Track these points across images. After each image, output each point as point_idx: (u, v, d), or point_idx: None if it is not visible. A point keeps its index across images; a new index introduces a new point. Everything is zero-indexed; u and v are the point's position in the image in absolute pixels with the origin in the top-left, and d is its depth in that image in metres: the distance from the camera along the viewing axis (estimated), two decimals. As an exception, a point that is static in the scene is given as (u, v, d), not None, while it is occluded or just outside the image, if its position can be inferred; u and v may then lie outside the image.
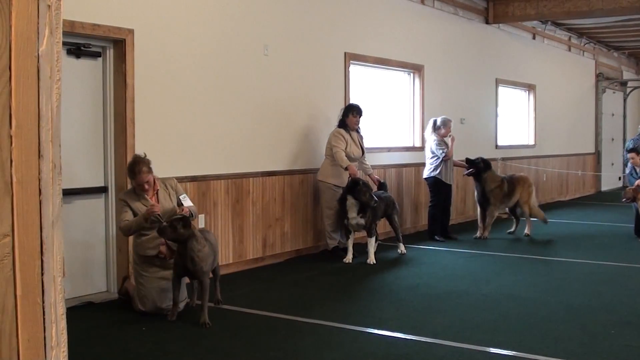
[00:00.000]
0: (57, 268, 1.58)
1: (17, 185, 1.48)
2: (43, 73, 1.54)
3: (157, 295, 5.38)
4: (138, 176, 5.30)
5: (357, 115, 7.81)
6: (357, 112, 7.81)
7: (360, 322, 5.19)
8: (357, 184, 7.45)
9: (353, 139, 7.78)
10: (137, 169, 5.30)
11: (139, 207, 5.34)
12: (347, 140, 7.70)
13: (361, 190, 7.40)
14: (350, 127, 7.79)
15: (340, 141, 7.67)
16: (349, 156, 7.67)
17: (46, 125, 1.54)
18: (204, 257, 5.14)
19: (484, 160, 9.45)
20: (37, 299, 1.53)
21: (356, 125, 7.84)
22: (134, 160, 5.39)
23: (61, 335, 1.60)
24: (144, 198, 5.39)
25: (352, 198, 7.44)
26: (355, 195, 7.43)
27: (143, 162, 5.34)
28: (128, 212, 5.31)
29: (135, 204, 5.36)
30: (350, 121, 7.78)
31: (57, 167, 1.58)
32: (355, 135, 7.88)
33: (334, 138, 7.71)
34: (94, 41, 5.84)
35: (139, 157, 5.41)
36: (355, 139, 7.82)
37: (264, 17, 7.43)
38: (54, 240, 1.57)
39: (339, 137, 7.69)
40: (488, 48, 12.15)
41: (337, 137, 7.70)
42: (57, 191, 1.58)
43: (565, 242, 9.23)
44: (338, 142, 7.67)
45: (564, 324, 5.17)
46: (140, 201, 5.37)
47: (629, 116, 19.24)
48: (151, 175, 5.37)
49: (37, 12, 1.52)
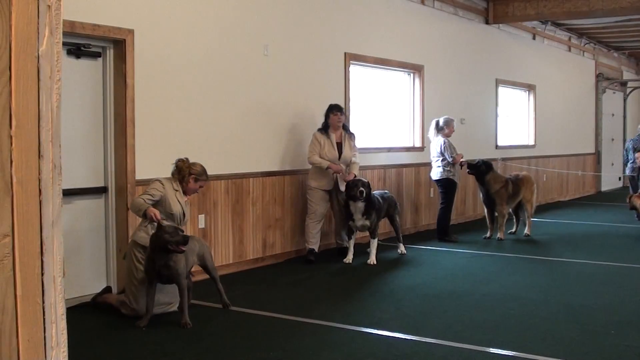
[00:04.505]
0: (57, 268, 1.58)
1: (17, 186, 1.48)
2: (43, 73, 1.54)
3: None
4: (204, 183, 5.68)
5: (337, 112, 7.67)
6: (337, 110, 7.69)
7: (361, 322, 5.19)
8: (348, 184, 7.51)
9: (331, 141, 7.66)
10: (207, 177, 5.68)
11: (172, 198, 5.41)
12: (321, 143, 7.61)
13: (349, 186, 7.47)
14: (334, 125, 7.67)
15: (314, 146, 7.62)
16: (324, 158, 7.60)
17: (46, 125, 1.54)
18: (178, 260, 5.11)
19: (485, 162, 9.40)
20: (37, 299, 1.53)
21: (339, 123, 7.69)
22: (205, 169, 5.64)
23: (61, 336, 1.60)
24: (181, 195, 5.51)
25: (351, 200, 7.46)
26: (347, 194, 7.49)
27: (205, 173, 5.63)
28: (154, 196, 5.32)
29: (171, 193, 5.43)
30: (332, 120, 7.66)
31: (57, 167, 1.58)
32: (335, 137, 7.70)
33: (310, 143, 7.70)
34: (94, 41, 5.84)
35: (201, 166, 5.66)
36: (333, 141, 7.67)
37: (264, 18, 7.43)
38: (54, 241, 1.56)
39: (313, 141, 7.65)
40: (488, 48, 12.15)
41: (312, 143, 7.67)
42: (57, 191, 1.58)
43: (565, 242, 9.23)
44: (311, 148, 7.65)
45: (564, 324, 5.17)
46: (176, 195, 5.46)
47: (629, 116, 19.24)
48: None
49: (37, 13, 1.52)
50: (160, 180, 5.46)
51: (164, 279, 5.16)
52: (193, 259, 5.40)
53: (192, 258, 5.39)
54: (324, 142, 7.62)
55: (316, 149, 7.61)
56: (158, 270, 5.06)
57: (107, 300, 5.56)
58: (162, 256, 5.03)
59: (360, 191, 7.36)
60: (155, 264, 5.04)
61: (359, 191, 7.37)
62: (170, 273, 5.08)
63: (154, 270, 5.07)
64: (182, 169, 5.51)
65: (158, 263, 5.04)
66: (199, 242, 5.54)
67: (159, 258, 5.03)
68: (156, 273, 5.08)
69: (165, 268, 5.05)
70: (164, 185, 5.40)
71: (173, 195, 5.39)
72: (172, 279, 5.14)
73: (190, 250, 5.27)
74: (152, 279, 5.14)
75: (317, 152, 7.60)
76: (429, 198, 10.33)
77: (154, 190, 5.35)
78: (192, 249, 5.31)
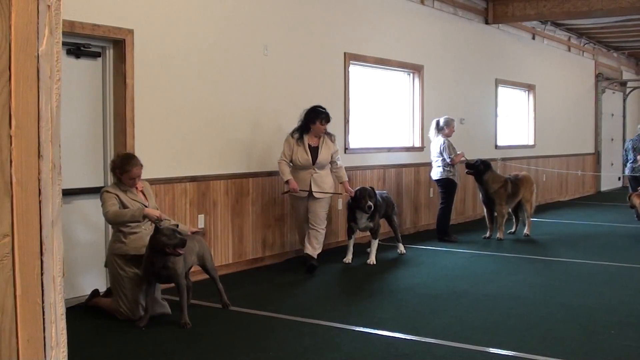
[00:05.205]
0: (57, 268, 1.58)
1: (17, 186, 1.48)
2: (43, 73, 1.54)
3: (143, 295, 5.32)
4: (133, 169, 5.28)
5: (325, 123, 7.18)
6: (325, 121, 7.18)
7: (360, 322, 5.18)
8: (356, 194, 7.43)
9: (304, 145, 7.11)
10: (134, 162, 5.31)
11: (128, 201, 5.28)
12: (292, 148, 7.10)
13: (357, 198, 7.40)
14: (315, 132, 7.16)
15: (285, 148, 7.15)
16: (296, 163, 7.12)
17: (46, 125, 1.54)
18: (176, 260, 5.10)
19: (483, 161, 9.40)
20: (37, 299, 1.53)
21: (322, 133, 7.20)
22: (127, 155, 5.43)
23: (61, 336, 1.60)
24: (132, 192, 5.35)
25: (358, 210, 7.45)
26: (355, 205, 7.45)
27: (136, 157, 5.38)
28: (116, 204, 5.23)
29: (124, 196, 5.29)
30: (316, 128, 7.15)
31: (56, 167, 1.58)
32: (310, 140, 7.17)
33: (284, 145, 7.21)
34: (94, 41, 5.84)
35: (129, 153, 5.43)
36: (305, 145, 7.11)
37: (264, 18, 7.43)
38: (53, 241, 1.56)
39: (284, 146, 7.17)
40: (488, 48, 12.15)
41: (284, 144, 7.19)
42: (56, 191, 1.57)
43: (564, 242, 9.23)
44: (283, 150, 7.16)
45: (563, 324, 5.17)
46: (128, 195, 5.32)
47: (628, 116, 19.24)
48: (141, 169, 5.40)
49: (36, 12, 1.52)
50: (107, 190, 5.31)
51: (162, 279, 5.16)
52: (192, 258, 5.40)
53: (192, 258, 5.38)
54: (295, 147, 7.11)
55: (286, 152, 7.12)
56: (157, 271, 5.06)
57: (98, 304, 5.54)
58: (161, 257, 5.02)
59: (368, 206, 7.30)
60: (154, 265, 5.04)
61: (367, 206, 7.30)
62: (169, 273, 5.08)
63: (153, 271, 5.07)
64: (112, 170, 5.42)
65: (157, 264, 5.03)
66: (199, 242, 5.53)
67: (158, 259, 5.03)
68: (155, 274, 5.08)
69: (164, 269, 5.05)
70: (110, 192, 5.28)
71: (125, 196, 5.30)
72: (171, 279, 5.14)
73: (190, 250, 5.27)
74: (150, 280, 5.14)
75: (288, 157, 7.12)
76: (429, 198, 10.33)
77: (111, 200, 5.22)
78: (191, 248, 5.30)
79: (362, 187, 7.55)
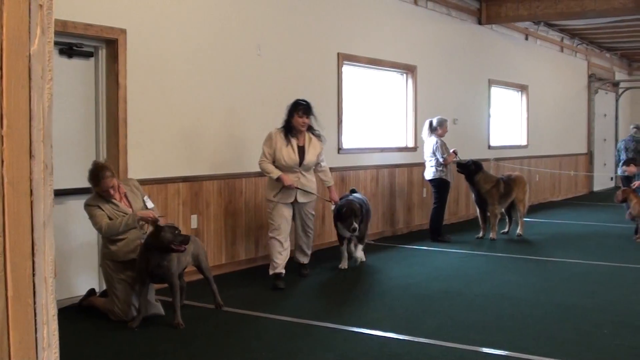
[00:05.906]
0: (49, 269, 1.57)
1: (8, 186, 1.47)
2: (34, 73, 1.53)
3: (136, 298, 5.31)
4: (102, 182, 5.14)
5: (303, 115, 6.50)
6: (303, 112, 6.51)
7: (353, 322, 5.18)
8: (340, 211, 7.06)
9: (291, 143, 6.51)
10: (102, 175, 5.15)
11: (110, 211, 5.22)
12: (277, 145, 6.45)
13: (342, 216, 7.03)
14: (296, 128, 6.52)
15: (266, 147, 6.49)
16: (280, 164, 6.47)
17: (37, 125, 1.54)
18: (171, 259, 5.10)
19: (474, 162, 9.43)
20: (29, 300, 1.53)
21: (303, 127, 6.53)
22: (96, 167, 5.23)
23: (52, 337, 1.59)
24: (113, 202, 5.27)
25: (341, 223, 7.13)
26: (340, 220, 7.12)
27: (105, 167, 5.21)
28: (104, 215, 5.19)
29: (106, 206, 5.23)
30: (295, 122, 6.51)
31: (48, 167, 1.57)
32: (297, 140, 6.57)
33: (263, 143, 6.56)
34: (86, 41, 5.82)
35: (99, 163, 5.30)
36: (293, 144, 6.52)
37: (257, 18, 7.43)
38: (45, 241, 1.56)
39: (266, 142, 6.52)
40: (481, 49, 12.18)
41: (264, 143, 6.54)
42: (48, 192, 1.57)
43: (557, 242, 9.26)
44: (263, 150, 6.50)
45: (557, 323, 5.19)
46: (110, 205, 5.25)
47: (621, 117, 19.31)
48: (115, 179, 5.24)
49: (28, 12, 1.51)
50: (89, 204, 5.24)
51: (156, 278, 5.15)
52: (187, 259, 5.39)
53: (186, 258, 5.38)
54: (281, 145, 6.46)
55: (268, 150, 6.47)
56: (151, 270, 5.05)
57: (93, 304, 5.52)
58: (157, 256, 5.02)
59: (353, 228, 6.89)
60: (148, 264, 5.03)
61: (352, 228, 6.90)
62: (163, 272, 5.08)
63: (147, 270, 5.06)
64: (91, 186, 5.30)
65: (152, 263, 5.03)
66: (194, 243, 5.52)
67: (154, 258, 5.02)
68: (149, 273, 5.07)
69: (158, 268, 5.05)
70: (92, 204, 5.23)
71: (107, 207, 5.25)
72: (165, 279, 5.13)
73: (185, 251, 5.26)
74: (144, 279, 5.13)
75: (270, 157, 6.47)
76: (422, 198, 10.34)
77: (98, 213, 5.19)
78: (186, 249, 5.30)
79: (348, 204, 7.04)
